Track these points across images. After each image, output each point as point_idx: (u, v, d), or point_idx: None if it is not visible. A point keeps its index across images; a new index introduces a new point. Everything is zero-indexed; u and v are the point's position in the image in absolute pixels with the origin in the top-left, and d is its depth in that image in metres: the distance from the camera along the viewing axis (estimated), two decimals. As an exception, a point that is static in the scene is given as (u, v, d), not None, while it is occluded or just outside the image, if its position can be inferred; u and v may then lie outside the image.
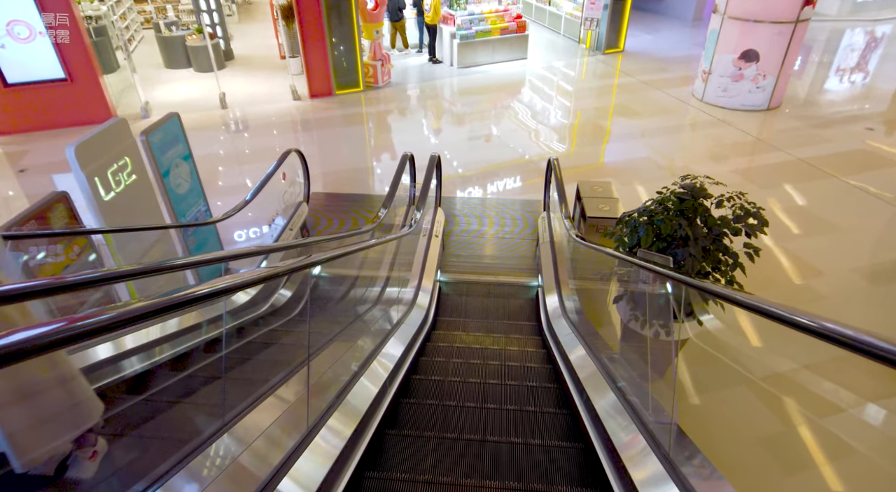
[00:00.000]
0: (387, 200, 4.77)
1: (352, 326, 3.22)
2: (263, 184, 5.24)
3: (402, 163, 5.61)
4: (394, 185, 5.16)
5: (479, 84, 11.39)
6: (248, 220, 6.59)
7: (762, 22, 8.80)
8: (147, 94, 10.81)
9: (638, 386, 2.67)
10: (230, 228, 6.46)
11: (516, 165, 8.13)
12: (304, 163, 6.35)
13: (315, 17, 9.84)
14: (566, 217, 4.43)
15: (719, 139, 8.77)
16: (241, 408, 1.96)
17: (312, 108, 10.25)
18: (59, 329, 0.89)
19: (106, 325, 0.99)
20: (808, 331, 1.23)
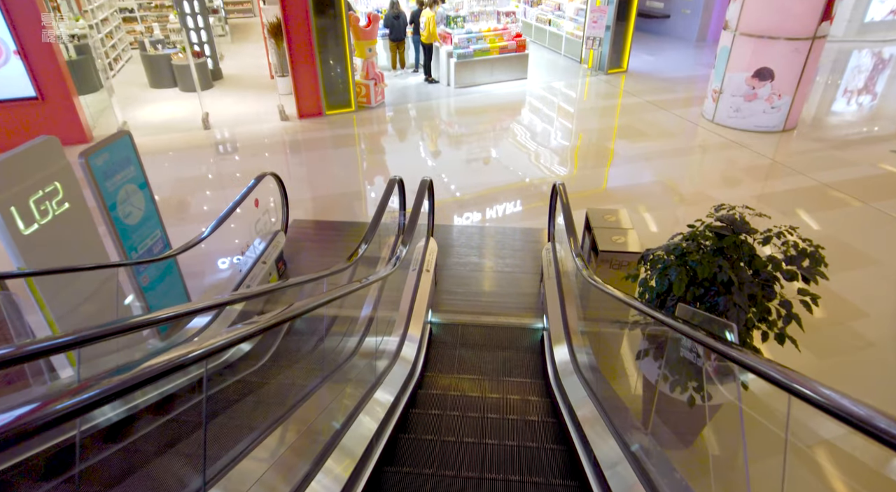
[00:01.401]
0: (368, 232, 4.14)
1: (310, 400, 2.54)
2: (228, 213, 4.60)
3: (389, 188, 4.99)
4: (378, 214, 4.53)
5: (477, 104, 10.86)
6: (216, 250, 5.94)
7: (777, 38, 8.29)
8: (128, 113, 10.29)
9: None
10: (193, 261, 5.81)
11: (516, 190, 7.52)
12: (282, 187, 5.73)
13: (304, 34, 9.35)
14: (577, 255, 3.77)
15: (733, 162, 8.19)
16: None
17: (301, 128, 9.69)
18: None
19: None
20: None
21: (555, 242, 5.46)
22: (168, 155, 8.70)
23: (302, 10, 9.15)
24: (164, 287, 4.75)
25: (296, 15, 9.17)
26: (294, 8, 9.10)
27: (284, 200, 5.83)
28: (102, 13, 12.91)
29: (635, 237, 4.54)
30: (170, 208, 7.12)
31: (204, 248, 5.89)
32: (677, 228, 6.67)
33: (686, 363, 2.77)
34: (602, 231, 4.63)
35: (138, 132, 9.46)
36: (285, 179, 5.78)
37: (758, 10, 8.31)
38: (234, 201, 4.77)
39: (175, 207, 7.17)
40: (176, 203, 7.27)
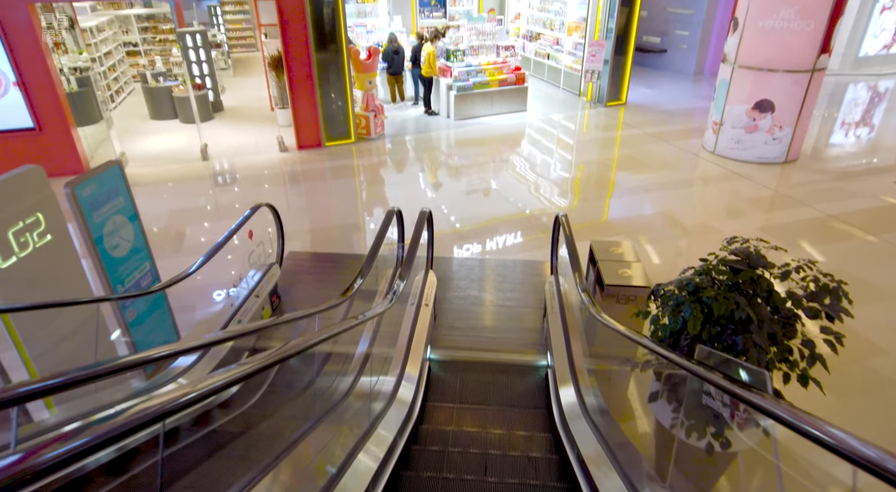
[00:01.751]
0: (364, 265, 3.97)
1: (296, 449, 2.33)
2: (219, 246, 4.45)
3: (387, 220, 4.85)
4: (375, 247, 4.37)
5: (477, 136, 10.85)
6: (209, 282, 5.76)
7: (776, 71, 8.31)
8: (127, 145, 10.26)
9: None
10: (184, 294, 5.63)
11: (517, 221, 7.40)
12: (277, 219, 5.59)
13: (305, 67, 9.39)
14: (583, 290, 3.59)
15: (736, 193, 8.09)
16: None
17: (300, 159, 9.64)
18: None
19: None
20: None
21: (558, 275, 5.29)
22: (165, 186, 8.61)
23: (303, 43, 9.21)
24: (152, 322, 4.56)
25: (296, 48, 9.23)
26: (295, 41, 9.16)
27: (280, 232, 5.68)
28: (106, 47, 13.06)
29: (642, 270, 4.38)
30: (165, 240, 6.98)
31: (196, 280, 5.72)
32: (681, 261, 6.55)
33: (704, 408, 2.58)
34: (607, 264, 4.47)
35: (136, 163, 9.41)
36: (283, 210, 5.66)
37: (756, 44, 8.35)
38: (227, 233, 4.62)
39: (170, 238, 7.03)
40: (171, 234, 7.13)
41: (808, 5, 7.83)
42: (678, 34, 16.00)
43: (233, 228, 4.75)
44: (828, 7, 7.79)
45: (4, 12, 7.65)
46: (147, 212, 8.05)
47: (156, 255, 4.58)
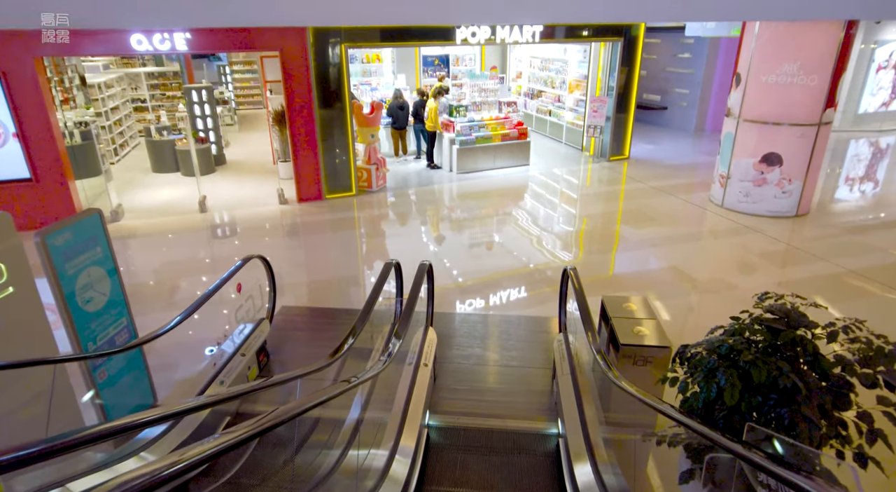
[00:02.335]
0: (357, 323, 3.64)
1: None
2: (203, 300, 4.14)
3: (384, 273, 4.56)
4: (369, 303, 4.06)
5: (480, 189, 10.73)
6: (192, 339, 5.41)
7: (781, 125, 8.23)
8: (127, 197, 10.15)
9: None
10: (165, 352, 5.27)
11: (521, 275, 7.09)
12: (269, 271, 5.30)
13: (307, 120, 9.40)
14: (598, 352, 3.25)
15: (747, 247, 7.81)
16: None
17: (300, 212, 9.47)
18: None
19: None
20: None
21: (567, 332, 4.93)
22: (160, 238, 8.40)
23: (305, 98, 9.25)
24: (126, 382, 4.19)
25: (299, 102, 9.25)
26: (297, 95, 9.20)
27: (272, 285, 5.38)
28: (114, 102, 13.25)
29: (660, 328, 4.03)
30: (153, 293, 6.68)
31: (178, 337, 5.35)
32: (693, 318, 6.19)
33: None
34: (621, 322, 4.13)
35: (133, 215, 9.25)
36: (279, 262, 5.41)
37: (760, 98, 8.32)
38: (212, 287, 4.32)
39: (159, 291, 6.73)
40: (160, 287, 6.84)
41: (809, 61, 7.83)
42: (678, 92, 16.24)
43: (219, 282, 4.46)
44: (830, 62, 7.79)
45: (9, 64, 7.70)
46: (138, 264, 7.88)
47: (143, 309, 4.29)
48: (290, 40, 8.83)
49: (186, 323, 4.20)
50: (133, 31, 7.98)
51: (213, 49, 8.50)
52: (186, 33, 8.23)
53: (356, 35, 9.29)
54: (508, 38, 10.40)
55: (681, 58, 15.92)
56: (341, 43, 9.20)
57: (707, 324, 5.90)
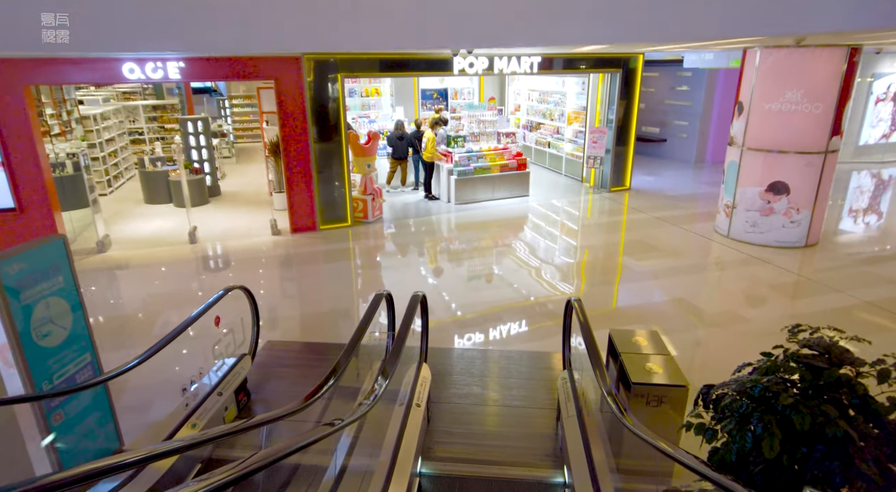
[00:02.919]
0: (341, 359, 3.30)
1: None
2: (175, 335, 3.80)
3: (373, 305, 4.24)
4: (355, 338, 3.73)
5: (479, 220, 10.46)
6: (165, 378, 5.02)
7: (787, 153, 8.03)
8: (117, 228, 9.91)
9: None
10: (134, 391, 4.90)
11: (521, 309, 6.75)
12: (252, 303, 4.96)
13: (301, 150, 9.22)
14: (608, 393, 2.89)
15: (757, 279, 7.49)
16: None
17: (292, 243, 9.18)
18: None
19: None
20: None
21: (571, 369, 4.56)
22: (146, 269, 8.09)
23: (301, 127, 9.09)
24: (87, 426, 3.81)
25: (294, 131, 9.09)
26: (292, 125, 9.05)
27: (255, 318, 5.03)
28: (109, 133, 13.15)
29: (674, 365, 3.68)
30: (131, 327, 6.33)
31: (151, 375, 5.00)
32: (706, 353, 5.81)
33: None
34: (632, 358, 3.77)
35: (120, 245, 8.97)
36: (267, 295, 5.09)
37: (764, 126, 8.14)
38: (186, 320, 3.99)
39: (137, 325, 6.38)
40: (139, 321, 6.49)
41: (813, 88, 7.69)
42: (677, 124, 16.21)
43: (195, 314, 4.13)
44: (834, 90, 7.64)
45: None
46: (120, 296, 7.54)
47: (118, 344, 3.96)
48: (286, 70, 8.73)
49: (161, 359, 3.86)
50: (125, 60, 7.86)
51: (207, 78, 8.39)
52: (180, 62, 8.12)
53: (353, 65, 9.21)
54: (506, 69, 10.33)
55: (679, 90, 15.95)
56: (338, 72, 9.10)
57: (721, 359, 5.55)
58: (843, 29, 3.89)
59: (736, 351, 5.81)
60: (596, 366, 3.38)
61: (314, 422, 4.37)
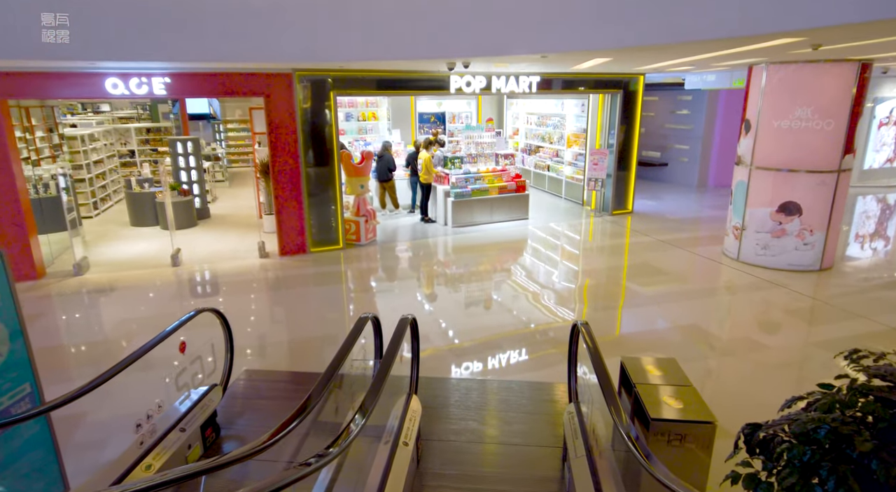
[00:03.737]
0: (314, 391, 2.85)
1: None
2: (135, 358, 3.34)
3: (356, 330, 3.80)
4: (332, 367, 3.27)
5: (476, 244, 10.05)
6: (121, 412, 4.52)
7: (797, 171, 7.68)
8: (99, 251, 9.50)
9: None
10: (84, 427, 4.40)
11: (521, 336, 6.29)
12: (226, 328, 4.51)
13: (292, 170, 8.87)
14: (626, 436, 2.42)
15: (772, 304, 7.04)
16: None
17: (280, 266, 8.75)
18: None
19: None
20: None
21: (578, 401, 4.09)
22: (121, 292, 7.64)
23: (292, 146, 8.77)
24: (25, 466, 3.31)
25: (284, 150, 8.76)
26: (283, 143, 8.72)
27: (229, 345, 4.56)
28: (98, 155, 12.84)
29: (697, 398, 3.21)
30: (91, 355, 5.85)
31: (107, 408, 4.55)
32: (725, 384, 5.33)
33: None
34: (648, 390, 3.31)
35: (99, 268, 8.53)
36: (248, 320, 4.65)
37: (773, 145, 7.82)
38: (144, 346, 3.53)
39: (99, 353, 5.89)
40: (102, 348, 6.00)
41: (824, 105, 7.39)
42: (678, 148, 15.98)
43: (156, 339, 3.67)
44: (846, 106, 7.35)
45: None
46: (92, 320, 7.05)
47: (76, 373, 3.47)
48: (277, 86, 8.45)
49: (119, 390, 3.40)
50: (108, 74, 7.57)
51: (193, 94, 8.10)
52: (165, 78, 7.83)
53: (347, 82, 8.94)
54: (504, 89, 10.08)
55: (679, 114, 15.77)
56: (331, 90, 8.83)
57: (744, 391, 5.07)
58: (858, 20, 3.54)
59: (759, 382, 5.36)
60: (608, 399, 2.92)
61: (286, 462, 3.88)
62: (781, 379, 5.31)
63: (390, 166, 11.44)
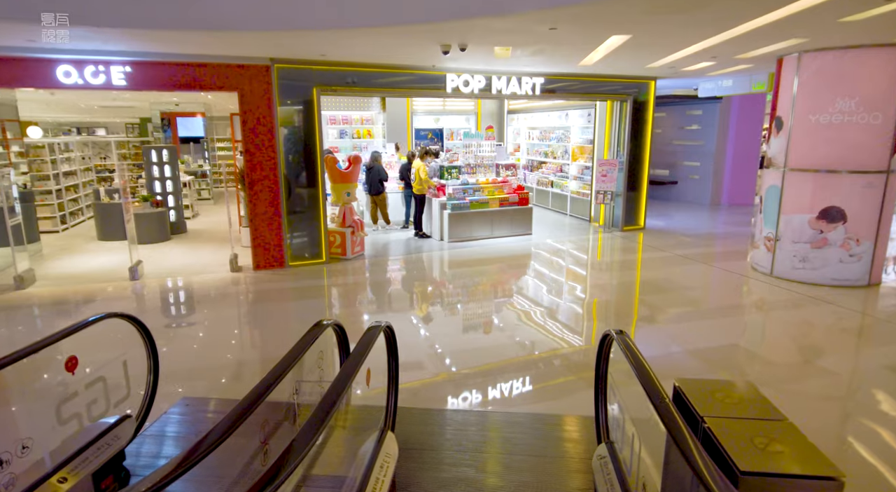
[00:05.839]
0: (217, 428, 1.83)
1: None
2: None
3: (306, 342, 2.78)
4: (255, 394, 2.26)
5: (474, 260, 9.02)
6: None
7: (838, 172, 6.75)
8: (56, 264, 8.53)
9: None
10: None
11: (527, 363, 5.23)
12: (147, 342, 3.47)
13: (269, 176, 7.94)
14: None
15: (820, 322, 6.01)
16: None
17: (252, 280, 7.72)
18: None
19: None
20: None
21: (612, 443, 3.02)
22: (60, 307, 6.60)
23: (269, 148, 7.85)
24: None
25: (260, 152, 7.84)
26: (258, 144, 7.81)
27: (151, 363, 3.51)
28: (70, 166, 11.96)
29: (804, 441, 2.15)
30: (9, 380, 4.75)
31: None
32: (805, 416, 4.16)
33: None
34: (726, 426, 2.25)
35: (47, 282, 7.53)
36: (195, 339, 3.64)
37: (811, 143, 6.91)
38: (6, 359, 2.51)
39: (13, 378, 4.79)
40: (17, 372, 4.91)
41: (870, 96, 6.51)
42: (687, 165, 15.14)
43: (28, 349, 2.64)
44: (895, 97, 6.46)
45: None
46: (9, 341, 6.00)
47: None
48: (253, 80, 7.59)
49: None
50: (60, 61, 6.71)
51: (156, 86, 7.22)
52: (126, 67, 6.98)
53: (331, 77, 8.08)
54: (506, 90, 9.25)
55: (688, 130, 14.98)
56: (313, 86, 7.97)
57: (826, 426, 3.98)
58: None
59: (840, 415, 4.27)
60: (677, 439, 1.88)
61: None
62: (869, 411, 4.24)
63: (382, 177, 10.50)
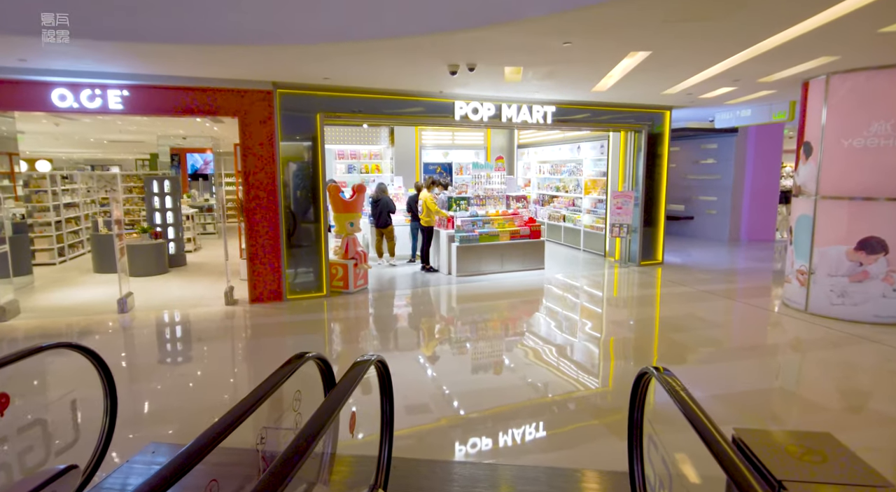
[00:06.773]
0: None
1: None
2: None
3: (280, 373, 2.30)
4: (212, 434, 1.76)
5: (484, 295, 8.51)
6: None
7: (876, 199, 6.27)
8: (46, 296, 8.18)
9: None
10: None
11: (539, 407, 4.67)
12: (104, 376, 3.00)
13: (268, 204, 7.60)
14: None
15: (869, 363, 5.41)
16: None
17: (247, 314, 7.27)
18: None
19: None
20: None
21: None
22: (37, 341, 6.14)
23: (270, 175, 7.54)
24: None
25: (260, 179, 7.53)
26: (258, 171, 7.50)
27: (109, 402, 3.03)
28: (72, 198, 11.76)
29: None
30: None
31: None
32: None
33: None
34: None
35: (32, 313, 7.16)
36: (175, 376, 3.17)
37: (845, 168, 6.47)
38: None
39: None
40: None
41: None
42: (703, 200, 14.69)
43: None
44: (934, 120, 6.04)
45: None
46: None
47: None
48: (254, 105, 7.35)
49: None
50: (55, 85, 6.51)
51: (154, 111, 6.99)
52: (123, 90, 6.76)
53: (336, 103, 7.83)
54: (516, 118, 8.96)
55: (704, 164, 14.61)
56: (317, 112, 7.72)
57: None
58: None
59: None
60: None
61: None
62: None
63: (390, 209, 10.13)
